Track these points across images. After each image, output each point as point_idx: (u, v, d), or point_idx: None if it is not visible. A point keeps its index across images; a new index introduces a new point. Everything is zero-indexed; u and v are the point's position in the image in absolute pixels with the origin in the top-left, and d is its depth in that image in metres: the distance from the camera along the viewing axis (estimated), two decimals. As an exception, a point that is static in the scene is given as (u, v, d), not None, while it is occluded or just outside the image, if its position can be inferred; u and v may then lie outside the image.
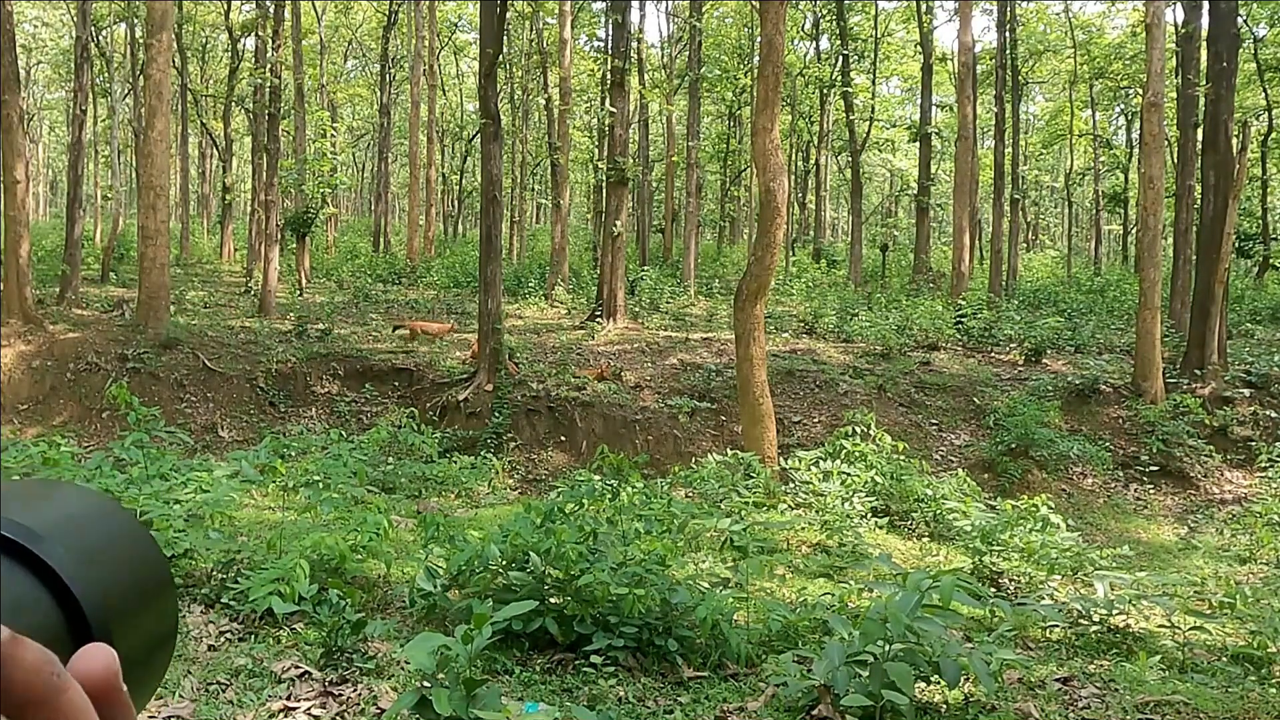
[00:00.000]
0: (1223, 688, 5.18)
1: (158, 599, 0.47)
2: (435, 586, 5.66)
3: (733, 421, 13.57)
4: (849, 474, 10.05)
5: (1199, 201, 17.49)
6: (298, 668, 4.75)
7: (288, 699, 4.39)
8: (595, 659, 5.03)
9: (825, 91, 32.40)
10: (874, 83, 34.71)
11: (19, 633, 0.34)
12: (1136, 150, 30.71)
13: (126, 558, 0.46)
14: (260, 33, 22.95)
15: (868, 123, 33.75)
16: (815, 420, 14.41)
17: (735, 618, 5.62)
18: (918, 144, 27.96)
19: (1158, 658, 5.74)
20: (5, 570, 0.41)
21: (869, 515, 9.61)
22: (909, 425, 14.30)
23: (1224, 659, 6.01)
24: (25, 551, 0.42)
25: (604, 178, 22.07)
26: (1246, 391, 14.86)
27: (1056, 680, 5.15)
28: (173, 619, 0.49)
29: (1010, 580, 7.91)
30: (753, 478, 10.29)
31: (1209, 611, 6.69)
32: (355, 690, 4.57)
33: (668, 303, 22.99)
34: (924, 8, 28.84)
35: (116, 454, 7.10)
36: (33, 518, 0.43)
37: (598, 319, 19.63)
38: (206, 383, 14.76)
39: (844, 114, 31.25)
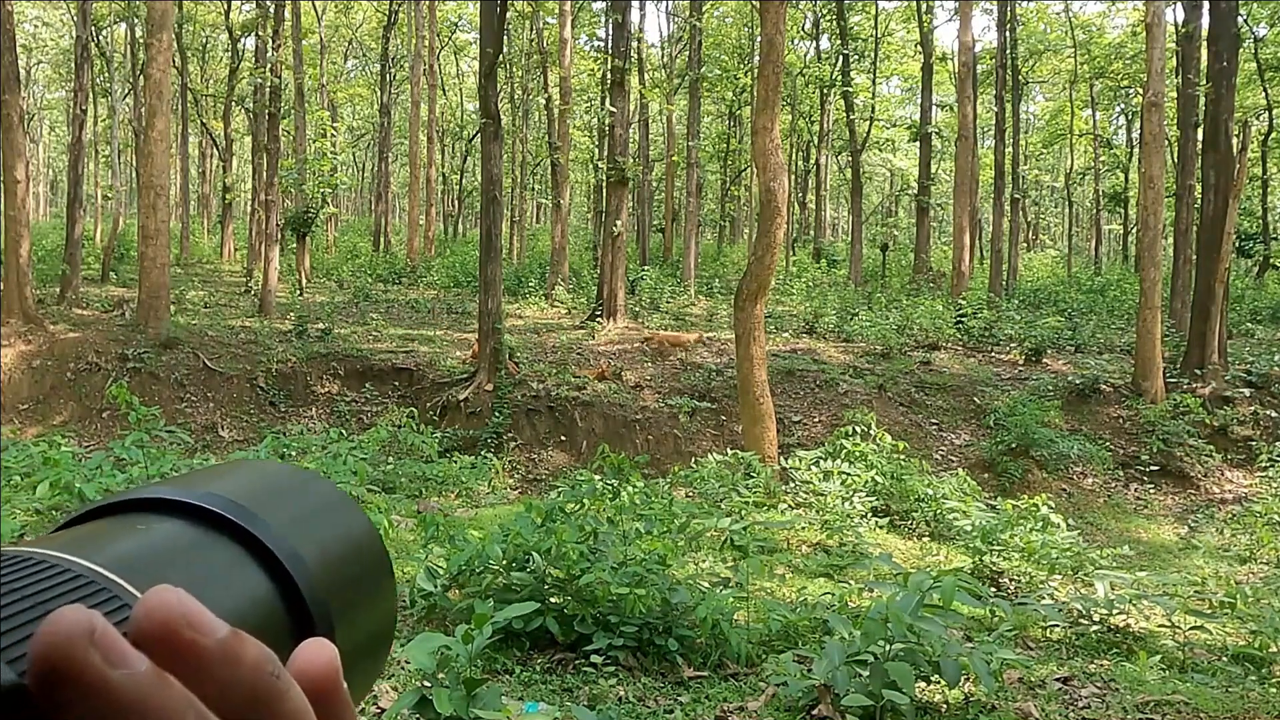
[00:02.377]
0: (1223, 687, 5.18)
1: (378, 586, 0.43)
2: (435, 586, 5.66)
3: (733, 421, 13.57)
4: (849, 474, 10.05)
5: (1199, 201, 17.49)
6: (298, 667, 4.74)
7: (288, 699, 4.39)
8: (595, 659, 5.03)
9: (825, 91, 32.38)
10: (874, 82, 34.69)
11: (238, 626, 0.31)
12: (1136, 150, 30.72)
13: (345, 540, 0.42)
14: (260, 32, 22.96)
15: (868, 122, 33.73)
16: (815, 420, 14.40)
17: (735, 617, 5.62)
18: (918, 144, 27.96)
19: (1158, 657, 5.74)
20: (225, 552, 0.37)
21: (869, 515, 9.61)
22: (909, 425, 14.30)
23: (1224, 659, 6.01)
24: (241, 533, 0.38)
25: (604, 177, 22.07)
26: (1247, 391, 14.86)
27: (1057, 680, 5.15)
28: (393, 608, 0.44)
29: (1010, 580, 7.91)
30: (753, 477, 10.29)
31: (1209, 611, 6.69)
32: (355, 690, 4.56)
33: (668, 302, 22.99)
34: (924, 7, 28.84)
35: (117, 453, 7.10)
36: (245, 495, 0.39)
37: (598, 319, 19.63)
38: (206, 382, 14.76)
39: (844, 114, 31.24)
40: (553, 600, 5.45)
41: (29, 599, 0.29)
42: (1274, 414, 14.47)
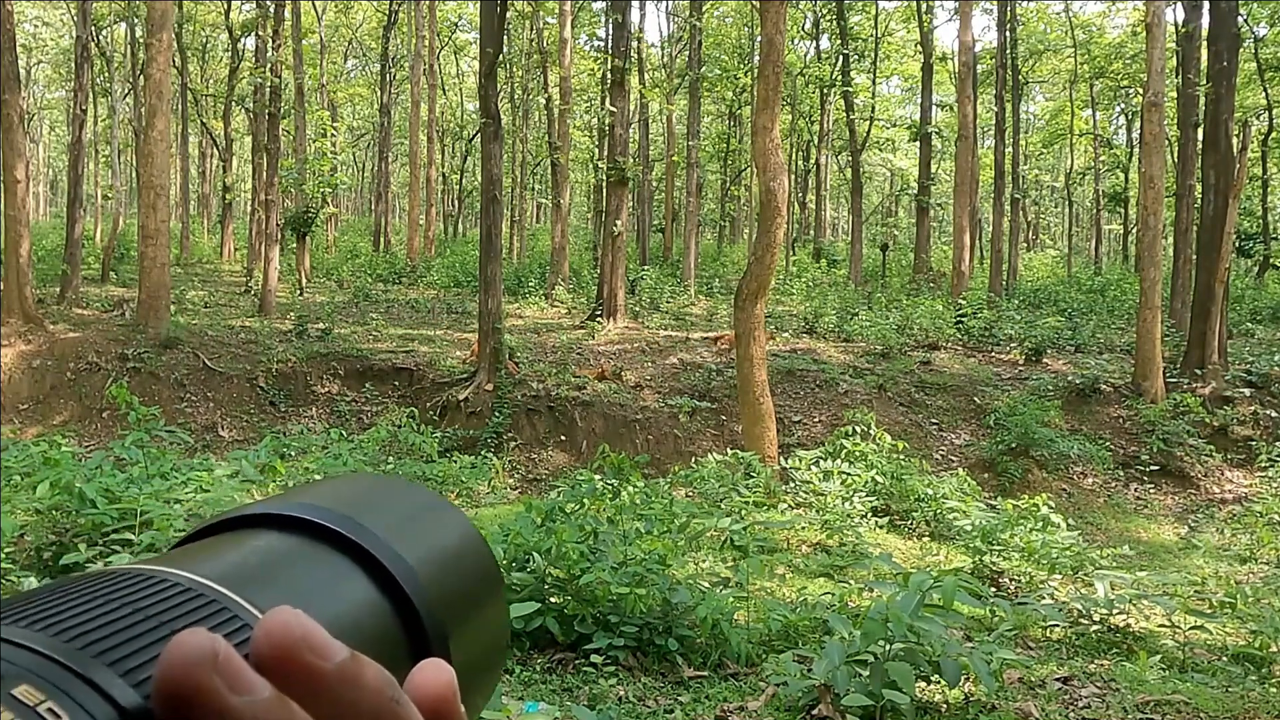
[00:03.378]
0: (1223, 687, 5.18)
1: (490, 597, 0.42)
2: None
3: (733, 421, 13.57)
4: (849, 473, 10.05)
5: (1199, 201, 17.49)
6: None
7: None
8: (596, 658, 5.03)
9: (825, 91, 32.38)
10: (874, 82, 34.69)
11: (354, 643, 0.30)
12: (1137, 150, 30.71)
13: (454, 549, 0.41)
14: (260, 32, 22.96)
15: (868, 122, 33.73)
16: (815, 420, 14.40)
17: (735, 617, 5.62)
18: (918, 143, 27.94)
19: (1158, 657, 5.73)
20: (337, 566, 0.36)
21: (869, 515, 9.61)
22: (909, 425, 14.30)
23: (1224, 658, 6.02)
24: (352, 546, 0.37)
25: (604, 177, 22.07)
26: (1247, 391, 14.85)
27: (1057, 680, 5.15)
28: (505, 620, 0.43)
29: (1010, 580, 7.91)
30: (753, 477, 10.29)
31: (1209, 611, 6.69)
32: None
33: (668, 302, 23.00)
34: (924, 7, 28.82)
35: (117, 453, 7.09)
36: (352, 507, 0.38)
37: (598, 318, 19.63)
38: (207, 382, 14.76)
39: (844, 113, 31.24)
40: (553, 600, 5.45)
41: (152, 619, 0.29)
42: (1274, 414, 14.47)
